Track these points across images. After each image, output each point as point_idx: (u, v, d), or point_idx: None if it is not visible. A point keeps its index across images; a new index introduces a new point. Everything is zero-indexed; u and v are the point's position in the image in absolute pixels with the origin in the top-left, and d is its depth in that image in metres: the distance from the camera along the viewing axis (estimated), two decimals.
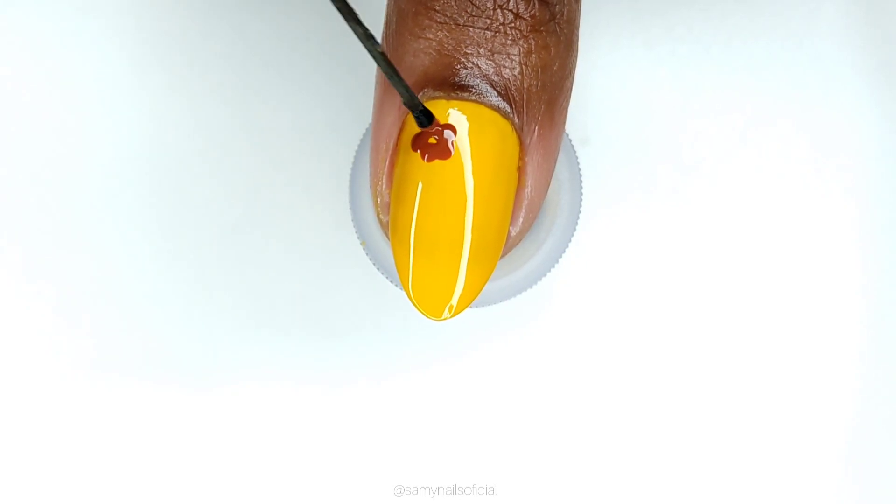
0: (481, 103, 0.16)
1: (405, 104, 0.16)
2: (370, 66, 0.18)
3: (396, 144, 0.17)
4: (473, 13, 0.16)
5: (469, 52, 0.16)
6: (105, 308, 0.26)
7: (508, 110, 0.16)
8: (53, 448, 0.26)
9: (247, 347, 0.26)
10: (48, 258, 0.26)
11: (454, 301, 0.17)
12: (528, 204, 0.17)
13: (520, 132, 0.17)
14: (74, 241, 0.26)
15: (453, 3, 0.16)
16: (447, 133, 0.16)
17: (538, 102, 0.17)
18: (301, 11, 0.25)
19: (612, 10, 0.25)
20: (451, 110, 0.16)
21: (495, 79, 0.16)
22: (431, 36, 0.16)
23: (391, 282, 0.20)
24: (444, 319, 0.17)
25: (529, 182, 0.17)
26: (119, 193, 0.26)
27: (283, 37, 0.25)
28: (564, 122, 0.18)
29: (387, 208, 0.17)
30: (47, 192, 0.26)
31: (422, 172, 0.16)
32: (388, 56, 0.17)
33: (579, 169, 0.21)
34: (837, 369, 0.26)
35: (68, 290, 0.26)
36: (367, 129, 0.20)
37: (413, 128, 0.16)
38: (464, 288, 0.17)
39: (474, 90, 0.16)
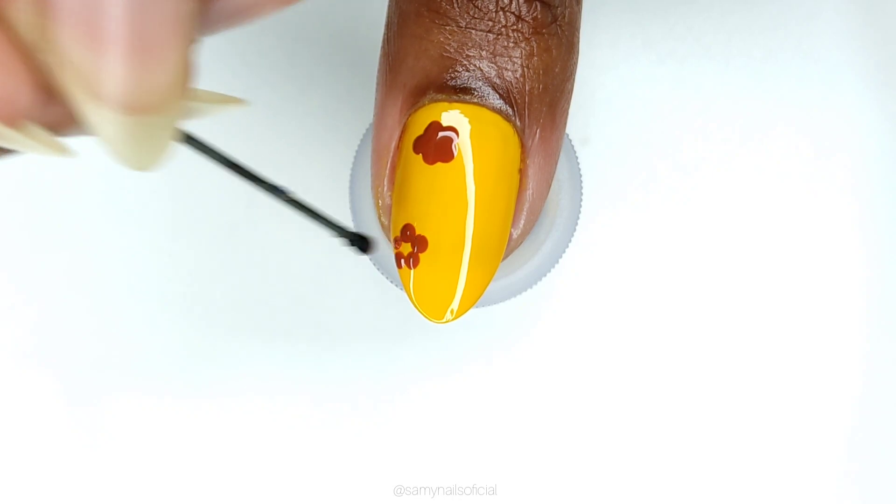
0: (483, 106, 0.16)
1: (334, 236, 0.16)
2: (370, 67, 0.18)
3: (398, 147, 0.17)
4: (476, 15, 0.16)
5: (471, 54, 0.16)
6: (103, 309, 0.26)
7: (510, 113, 0.16)
8: (46, 453, 0.26)
9: (246, 348, 0.26)
10: (42, 257, 0.26)
11: (456, 303, 0.17)
12: (529, 206, 0.17)
13: (521, 134, 0.17)
14: (71, 242, 0.26)
15: (455, 6, 0.16)
16: (449, 135, 0.16)
17: (540, 105, 0.16)
18: (301, 11, 0.25)
19: (612, 9, 0.25)
20: (453, 112, 0.16)
21: (497, 81, 0.16)
22: (433, 38, 0.16)
23: (393, 283, 0.20)
24: (446, 322, 0.17)
25: (531, 184, 0.17)
26: (117, 193, 0.25)
27: (284, 37, 0.25)
28: (565, 124, 0.18)
29: (388, 211, 0.17)
30: (44, 192, 0.25)
31: (424, 175, 0.16)
32: (390, 58, 0.17)
33: (579, 169, 0.21)
34: (838, 368, 0.26)
35: (64, 291, 0.26)
36: (367, 129, 0.20)
37: (416, 130, 0.16)
38: (465, 290, 0.17)
39: (476, 92, 0.16)
